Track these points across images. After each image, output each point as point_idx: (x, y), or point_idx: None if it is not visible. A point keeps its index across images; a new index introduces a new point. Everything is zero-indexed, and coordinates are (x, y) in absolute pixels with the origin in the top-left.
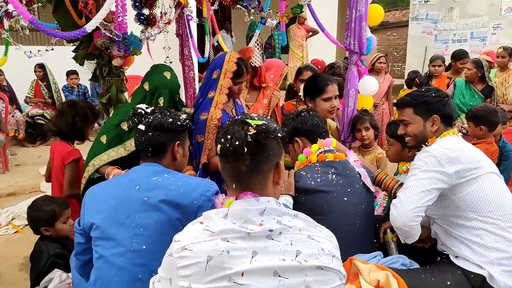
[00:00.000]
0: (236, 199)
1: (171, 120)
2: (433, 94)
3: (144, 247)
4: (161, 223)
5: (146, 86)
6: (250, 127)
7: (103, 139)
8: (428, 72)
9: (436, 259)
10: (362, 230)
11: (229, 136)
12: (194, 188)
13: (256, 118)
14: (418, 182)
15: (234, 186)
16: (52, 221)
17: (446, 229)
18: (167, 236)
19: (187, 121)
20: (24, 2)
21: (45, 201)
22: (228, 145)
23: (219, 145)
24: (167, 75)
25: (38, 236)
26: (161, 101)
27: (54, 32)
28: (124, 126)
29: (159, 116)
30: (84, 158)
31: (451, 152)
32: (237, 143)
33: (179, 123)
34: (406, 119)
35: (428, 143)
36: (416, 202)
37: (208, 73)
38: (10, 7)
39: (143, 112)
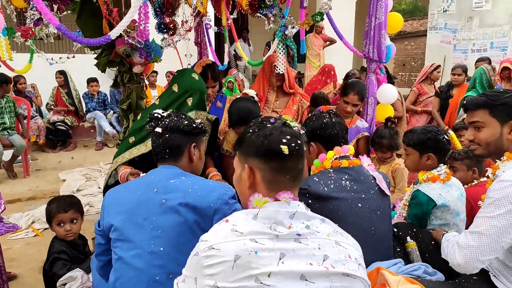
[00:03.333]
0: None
1: (186, 122)
2: None
3: (161, 249)
4: (178, 225)
5: (175, 88)
6: (296, 128)
7: (131, 139)
8: (450, 81)
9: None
10: (378, 237)
11: (288, 136)
12: (211, 191)
13: (290, 119)
14: (494, 226)
15: (284, 186)
16: (49, 220)
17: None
18: (185, 238)
19: (201, 124)
20: (55, 10)
21: (54, 199)
22: (293, 144)
23: (282, 146)
24: (195, 76)
25: None
26: (189, 101)
27: (80, 38)
28: (131, 140)
29: (175, 119)
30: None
31: None
32: (298, 141)
33: (194, 125)
34: (479, 120)
35: (504, 158)
36: (489, 251)
37: None
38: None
39: (159, 116)
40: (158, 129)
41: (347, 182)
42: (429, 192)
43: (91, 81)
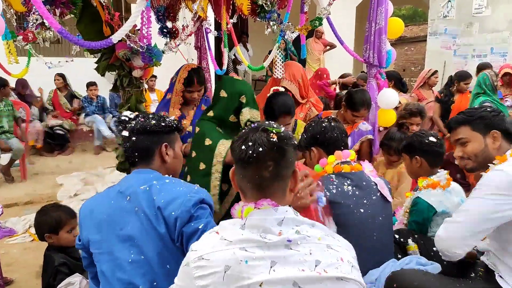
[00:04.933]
0: (255, 207)
1: (154, 122)
2: (488, 110)
3: (142, 257)
4: (151, 234)
5: (223, 94)
6: (272, 134)
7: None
8: (450, 87)
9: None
10: (379, 242)
11: (250, 143)
12: (175, 198)
13: (275, 126)
14: (481, 206)
15: (252, 194)
16: (57, 228)
17: (503, 245)
18: (158, 246)
19: (174, 121)
20: (58, 14)
21: (54, 207)
22: (251, 151)
23: (238, 152)
24: (235, 76)
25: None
26: (243, 99)
27: (82, 42)
28: (208, 142)
29: (142, 120)
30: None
31: None
32: (260, 149)
33: (163, 124)
34: (463, 136)
35: (496, 161)
36: (473, 229)
37: (171, 78)
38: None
39: (126, 119)
40: (125, 133)
41: (349, 188)
42: (429, 199)
43: (91, 85)
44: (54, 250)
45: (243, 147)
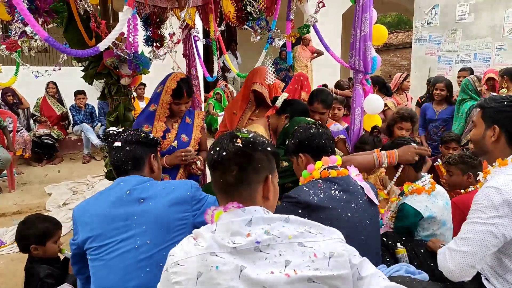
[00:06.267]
0: (223, 210)
1: (143, 134)
2: (505, 103)
3: (148, 241)
4: (160, 218)
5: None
6: (238, 139)
7: None
8: (430, 93)
9: None
10: (368, 246)
11: (217, 148)
12: (182, 183)
13: (246, 132)
14: (483, 234)
15: (221, 198)
16: (44, 239)
17: (497, 255)
18: (167, 226)
19: (154, 137)
20: (40, 23)
21: (39, 219)
22: (216, 156)
23: (208, 157)
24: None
25: None
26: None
27: (69, 50)
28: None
29: (133, 132)
30: None
31: None
32: (224, 153)
33: (150, 137)
34: (474, 120)
35: (496, 164)
36: (479, 257)
37: (155, 89)
38: (28, 28)
39: (115, 132)
40: (118, 143)
41: (336, 192)
42: (415, 204)
43: (79, 93)
44: (38, 262)
45: (212, 152)
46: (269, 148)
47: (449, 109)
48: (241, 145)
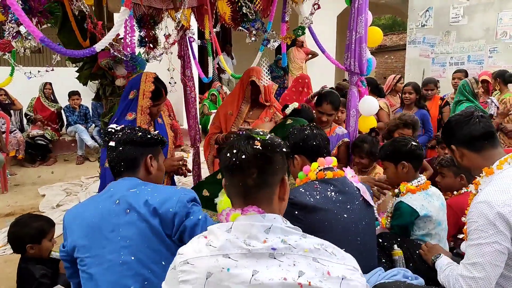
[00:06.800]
0: (241, 213)
1: (140, 134)
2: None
3: (132, 258)
4: (145, 232)
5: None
6: (256, 141)
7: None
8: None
9: None
10: (364, 247)
11: (235, 151)
12: (170, 196)
13: (261, 133)
14: (491, 256)
15: (239, 202)
16: (40, 238)
17: None
18: (154, 244)
19: (158, 135)
20: (34, 23)
21: (32, 218)
22: (234, 159)
23: (224, 160)
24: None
25: None
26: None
27: (65, 50)
28: None
29: (129, 131)
30: None
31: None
32: (243, 156)
33: (149, 136)
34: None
35: (483, 173)
36: (494, 277)
37: (124, 94)
38: (22, 28)
39: (113, 130)
40: (112, 143)
41: (333, 193)
42: (412, 203)
43: (73, 94)
44: (32, 262)
45: (228, 154)
46: (284, 149)
47: (419, 113)
48: (260, 148)
